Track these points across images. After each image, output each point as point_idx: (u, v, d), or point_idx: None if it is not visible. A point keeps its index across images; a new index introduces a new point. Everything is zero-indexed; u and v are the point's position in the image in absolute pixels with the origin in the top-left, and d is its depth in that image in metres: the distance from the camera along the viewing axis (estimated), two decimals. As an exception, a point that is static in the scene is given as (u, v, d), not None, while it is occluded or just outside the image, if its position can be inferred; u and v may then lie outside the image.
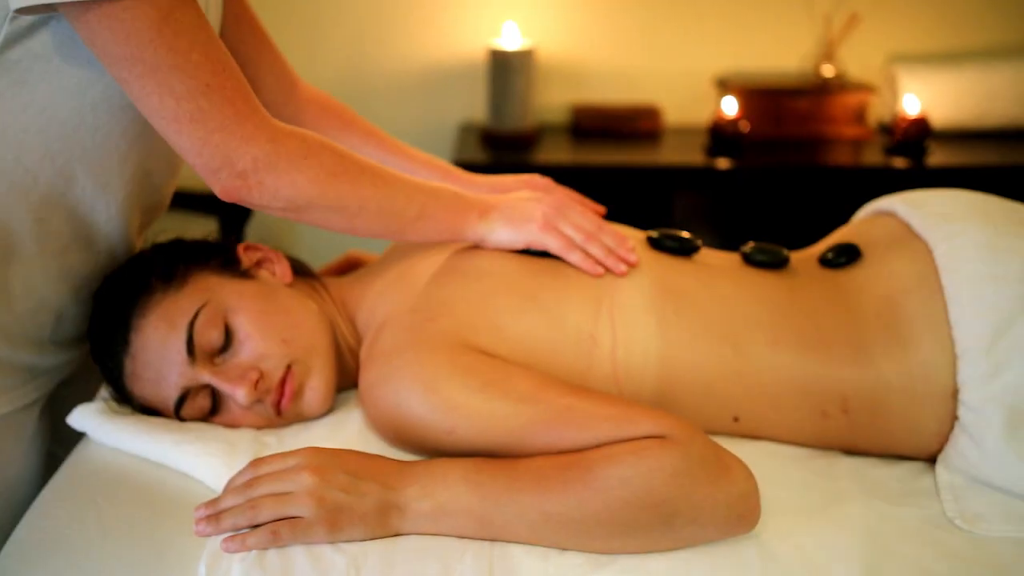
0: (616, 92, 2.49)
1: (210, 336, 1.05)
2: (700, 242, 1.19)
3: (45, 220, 1.05)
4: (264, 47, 1.28)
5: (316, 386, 1.09)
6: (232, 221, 2.36)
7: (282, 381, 1.07)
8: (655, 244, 1.18)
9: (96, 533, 0.94)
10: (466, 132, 2.42)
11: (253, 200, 0.98)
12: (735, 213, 2.50)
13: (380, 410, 1.02)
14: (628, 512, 0.90)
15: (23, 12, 0.92)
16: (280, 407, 1.07)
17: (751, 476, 0.94)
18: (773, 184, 2.29)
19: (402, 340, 1.03)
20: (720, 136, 2.28)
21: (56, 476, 1.04)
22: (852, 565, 0.92)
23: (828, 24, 2.43)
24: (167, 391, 1.05)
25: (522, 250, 1.12)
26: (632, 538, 0.91)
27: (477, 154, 2.26)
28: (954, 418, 1.04)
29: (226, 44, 1.18)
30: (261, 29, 1.28)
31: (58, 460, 1.12)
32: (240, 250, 1.15)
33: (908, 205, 1.18)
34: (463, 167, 1.36)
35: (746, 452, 1.07)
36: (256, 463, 0.96)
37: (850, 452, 1.11)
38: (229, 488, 0.95)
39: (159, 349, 1.04)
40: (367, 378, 1.04)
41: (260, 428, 1.09)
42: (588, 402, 0.97)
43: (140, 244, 1.20)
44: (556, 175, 1.35)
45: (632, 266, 1.12)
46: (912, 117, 2.28)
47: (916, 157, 2.27)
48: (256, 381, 1.05)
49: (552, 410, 0.96)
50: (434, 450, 1.00)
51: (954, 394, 1.04)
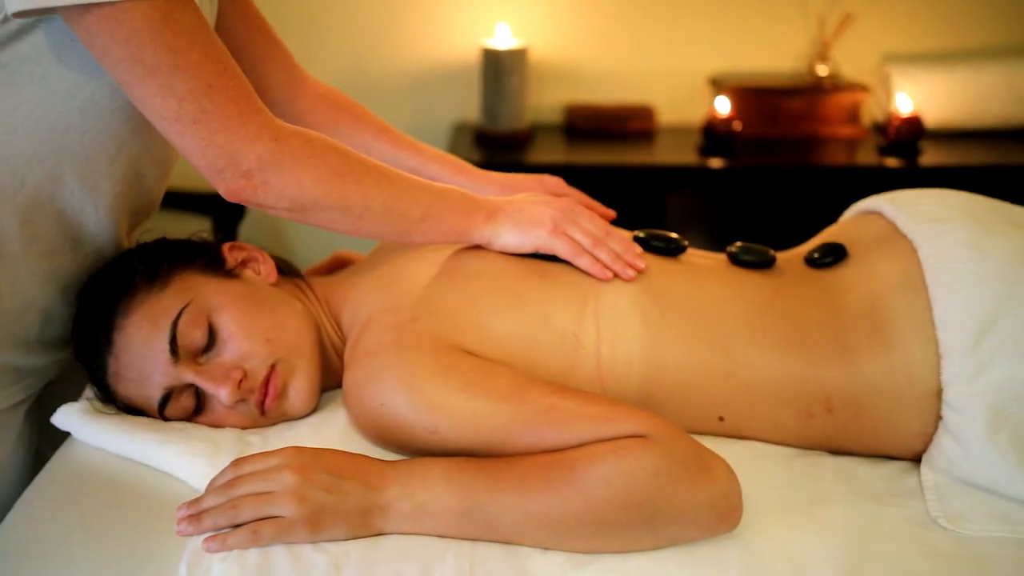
0: (610, 92, 2.49)
1: (193, 335, 1.05)
2: (686, 242, 1.19)
3: (32, 222, 1.05)
4: (271, 44, 1.27)
5: (300, 386, 1.09)
6: (225, 221, 2.36)
7: (266, 380, 1.07)
8: (642, 244, 1.17)
9: (78, 533, 0.94)
10: (460, 132, 2.42)
11: (258, 200, 0.98)
12: (729, 213, 2.50)
13: (363, 410, 1.02)
14: (609, 511, 0.90)
15: (20, 16, 0.92)
16: (264, 407, 1.07)
17: (733, 476, 0.94)
18: (767, 184, 2.29)
19: (385, 340, 1.03)
20: (713, 136, 2.28)
21: (39, 476, 1.04)
22: (834, 564, 0.92)
23: (822, 24, 2.43)
24: (150, 391, 1.05)
25: (530, 254, 1.12)
26: (614, 537, 0.91)
27: (471, 154, 2.26)
28: (938, 418, 1.04)
29: (234, 43, 1.19)
30: (267, 27, 1.27)
31: (46, 459, 1.11)
32: (225, 249, 1.15)
33: (894, 205, 1.18)
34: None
35: (731, 452, 1.07)
36: (238, 463, 0.96)
37: (835, 452, 1.11)
38: (211, 488, 0.95)
39: (142, 348, 1.04)
40: (350, 378, 1.04)
41: (244, 428, 1.08)
42: (570, 401, 0.97)
43: (129, 245, 1.19)
44: (549, 174, 1.34)
45: (640, 272, 1.11)
46: (905, 117, 2.28)
47: (909, 157, 2.27)
48: (240, 380, 1.04)
49: (534, 409, 0.96)
50: (417, 450, 1.00)
51: (938, 394, 1.04)
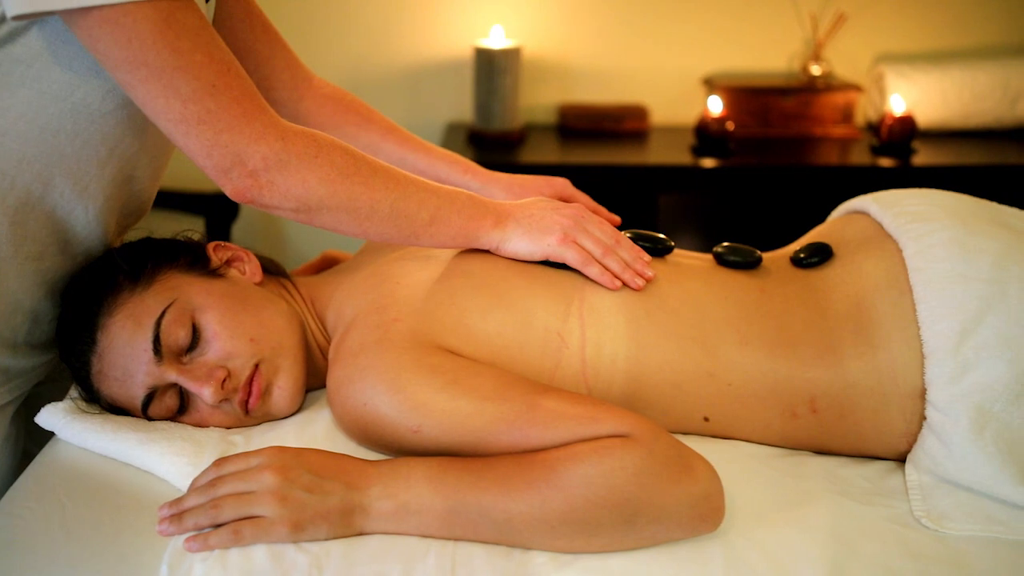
0: (604, 92, 2.49)
1: (177, 335, 1.05)
2: (672, 243, 1.19)
3: (22, 224, 1.05)
4: (276, 44, 1.27)
5: (284, 385, 1.09)
6: (219, 221, 2.36)
7: (249, 380, 1.07)
8: (627, 244, 1.17)
9: (59, 533, 0.94)
10: (453, 132, 2.42)
11: (264, 200, 0.97)
12: (722, 213, 2.50)
13: (347, 409, 1.02)
14: (591, 511, 0.90)
15: (20, 19, 0.91)
16: (248, 406, 1.07)
17: (715, 475, 0.94)
18: (760, 184, 2.29)
19: (368, 340, 1.02)
20: (706, 135, 2.28)
21: (23, 476, 1.04)
22: (817, 564, 0.92)
23: (815, 24, 2.43)
24: (134, 390, 1.05)
25: (540, 261, 1.11)
26: (595, 537, 0.91)
27: (464, 154, 2.23)
28: (922, 418, 1.04)
29: (239, 43, 1.19)
30: (272, 27, 1.27)
31: (33, 459, 1.12)
32: (210, 249, 1.15)
33: (880, 204, 1.18)
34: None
35: (716, 451, 1.07)
36: (220, 462, 0.96)
37: (820, 452, 1.11)
38: (193, 488, 0.95)
39: (125, 348, 1.04)
40: (334, 377, 1.04)
41: (228, 428, 1.08)
42: (553, 401, 0.97)
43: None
44: (543, 174, 1.35)
45: (648, 281, 1.11)
46: (897, 116, 2.28)
47: (902, 157, 2.27)
48: (223, 380, 1.04)
49: (516, 409, 0.96)
50: (400, 449, 1.00)
51: (922, 394, 1.03)
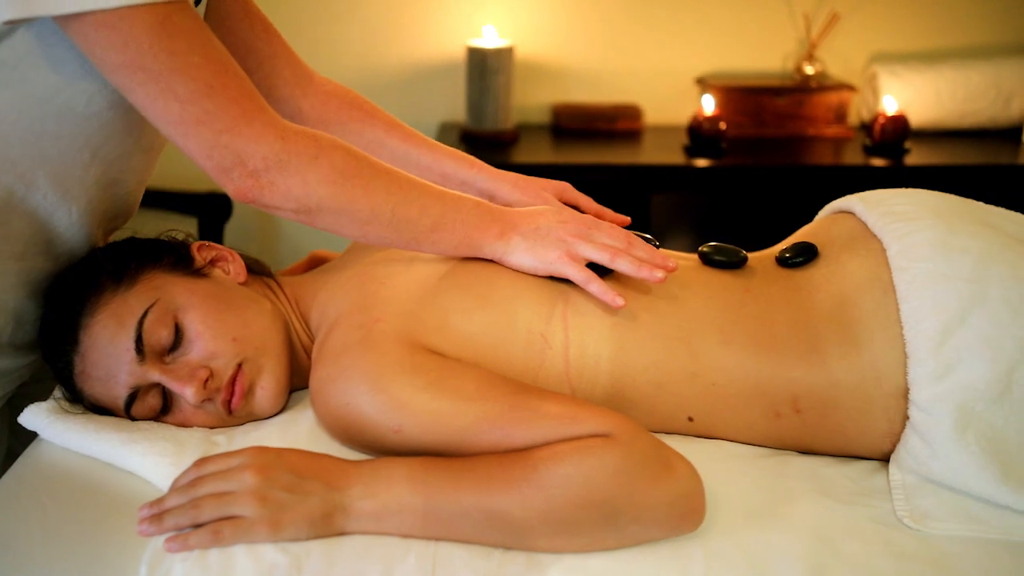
0: (597, 92, 2.49)
1: (159, 335, 1.04)
2: (657, 242, 1.19)
3: (3, 224, 1.05)
4: (276, 42, 1.26)
5: (267, 385, 1.09)
6: (212, 221, 2.36)
7: (232, 380, 1.06)
8: (612, 243, 1.17)
9: (39, 533, 0.94)
10: (446, 132, 2.42)
11: (265, 200, 0.97)
12: (715, 212, 2.50)
13: (329, 409, 1.02)
14: (571, 510, 0.90)
15: (12, 23, 0.91)
16: (230, 406, 1.07)
17: (695, 475, 0.94)
18: (753, 183, 2.29)
19: (350, 339, 1.02)
20: (698, 135, 2.28)
21: (5, 476, 1.04)
22: (798, 563, 0.92)
23: (809, 24, 2.42)
24: (117, 390, 1.05)
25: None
26: (576, 537, 0.91)
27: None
28: (905, 418, 1.04)
29: (240, 42, 1.18)
30: (271, 25, 1.27)
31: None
32: (194, 249, 1.15)
33: (865, 204, 1.18)
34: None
35: (700, 451, 1.07)
36: (201, 463, 0.96)
37: (804, 452, 1.11)
38: (174, 488, 0.95)
39: (108, 348, 1.04)
40: (316, 377, 1.04)
41: (212, 427, 1.08)
42: (534, 401, 0.96)
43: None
44: (536, 174, 1.34)
45: (670, 271, 1.08)
46: (890, 116, 2.28)
47: (895, 156, 2.27)
48: (205, 380, 1.04)
49: (498, 409, 0.96)
50: (383, 449, 1.00)
51: (905, 394, 1.03)
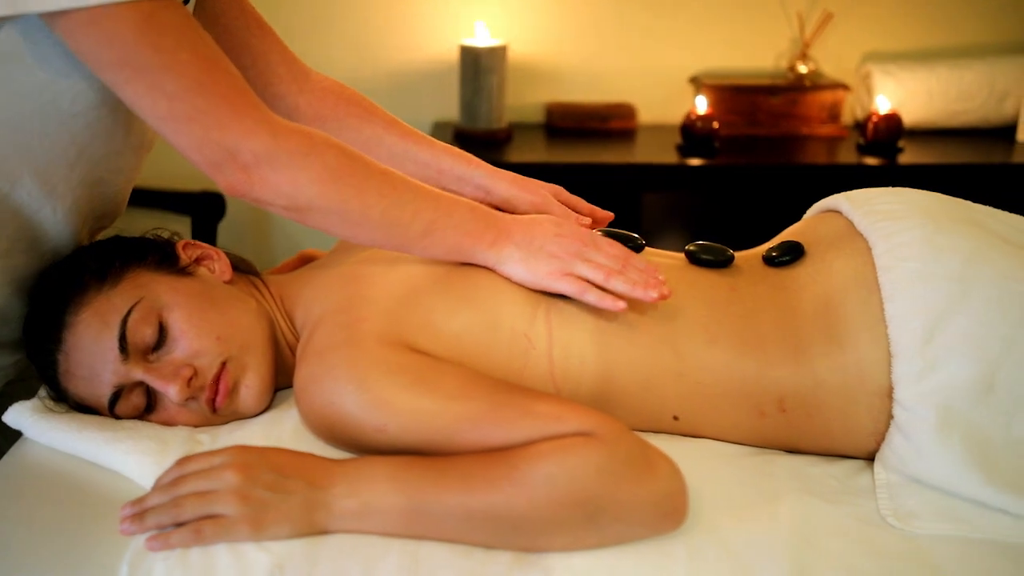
0: (590, 91, 2.49)
1: (143, 333, 1.04)
2: (643, 241, 1.19)
3: None
4: (271, 39, 1.26)
5: (251, 384, 1.09)
6: (205, 221, 2.36)
7: (216, 378, 1.06)
8: (597, 242, 1.17)
9: (21, 532, 0.94)
10: (439, 132, 2.42)
11: (256, 195, 0.97)
12: (708, 212, 2.50)
13: (313, 408, 1.01)
14: (553, 509, 0.90)
15: None
16: (215, 404, 1.07)
17: (678, 474, 0.94)
18: (746, 182, 2.29)
19: (335, 339, 1.02)
20: (691, 134, 2.28)
21: (-12, 475, 1.04)
22: (780, 562, 0.92)
23: (802, 23, 2.42)
24: (100, 389, 1.05)
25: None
26: (558, 536, 0.91)
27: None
28: (890, 417, 1.04)
29: (235, 39, 1.18)
30: (265, 22, 1.26)
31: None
32: (179, 247, 1.15)
33: (851, 203, 1.18)
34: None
35: (686, 450, 1.07)
36: (183, 461, 0.96)
37: (790, 451, 1.11)
38: (156, 487, 0.95)
39: (92, 346, 1.04)
40: (301, 376, 1.03)
41: (196, 426, 1.08)
42: (518, 399, 0.96)
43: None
44: (529, 173, 1.34)
45: (665, 297, 1.04)
46: (883, 115, 2.28)
47: (888, 155, 2.27)
48: (189, 378, 1.04)
49: (482, 408, 0.96)
50: (366, 448, 0.99)
51: (889, 393, 1.03)
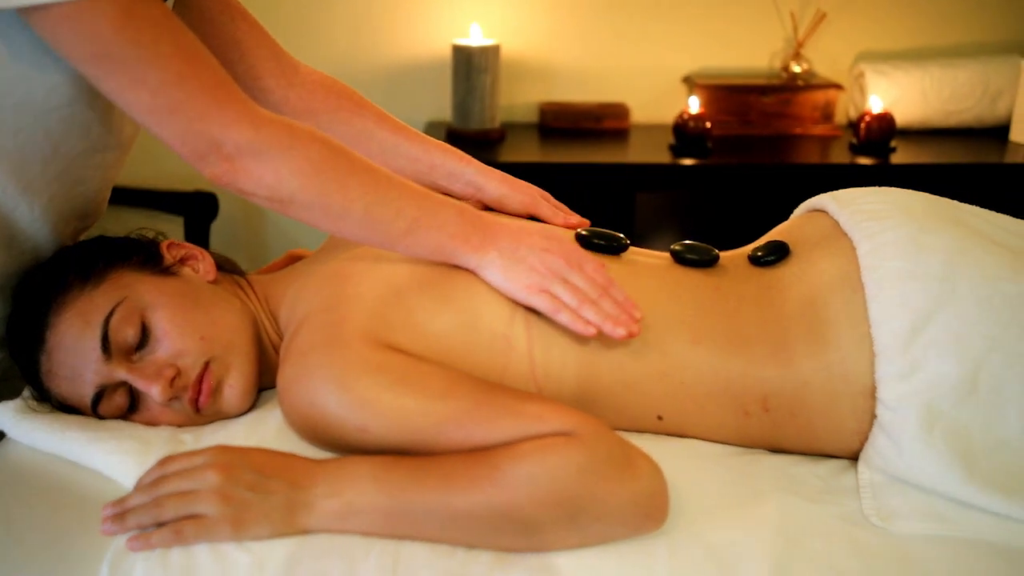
0: (584, 91, 2.49)
1: (126, 333, 1.04)
2: (628, 241, 1.19)
3: None
4: (258, 33, 1.26)
5: (235, 384, 1.09)
6: (198, 221, 2.36)
7: (199, 378, 1.06)
8: (583, 242, 1.17)
9: (1, 532, 0.94)
10: (432, 131, 2.41)
11: (240, 185, 0.97)
12: (700, 211, 2.50)
13: (295, 408, 1.01)
14: (534, 509, 0.90)
15: None
16: (198, 404, 1.07)
17: (658, 473, 0.94)
18: (738, 182, 2.29)
19: (317, 338, 1.02)
20: (683, 134, 2.28)
21: (-29, 475, 1.04)
22: (761, 561, 0.92)
23: (795, 22, 2.42)
24: (83, 388, 1.05)
25: None
26: (539, 535, 0.91)
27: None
28: (873, 416, 1.04)
29: (221, 34, 1.18)
30: (251, 16, 1.26)
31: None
32: (163, 247, 1.15)
33: (837, 203, 1.18)
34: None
35: (670, 450, 1.07)
36: (164, 461, 0.96)
37: (775, 450, 1.11)
38: (137, 487, 0.95)
39: (74, 346, 1.04)
40: (283, 376, 1.03)
41: (180, 426, 1.08)
42: (499, 399, 0.96)
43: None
44: (522, 173, 1.35)
45: (633, 335, 1.03)
46: (875, 115, 2.27)
47: (881, 155, 2.26)
48: (172, 378, 1.04)
49: (462, 407, 0.96)
50: (348, 447, 0.99)
51: (873, 392, 1.03)
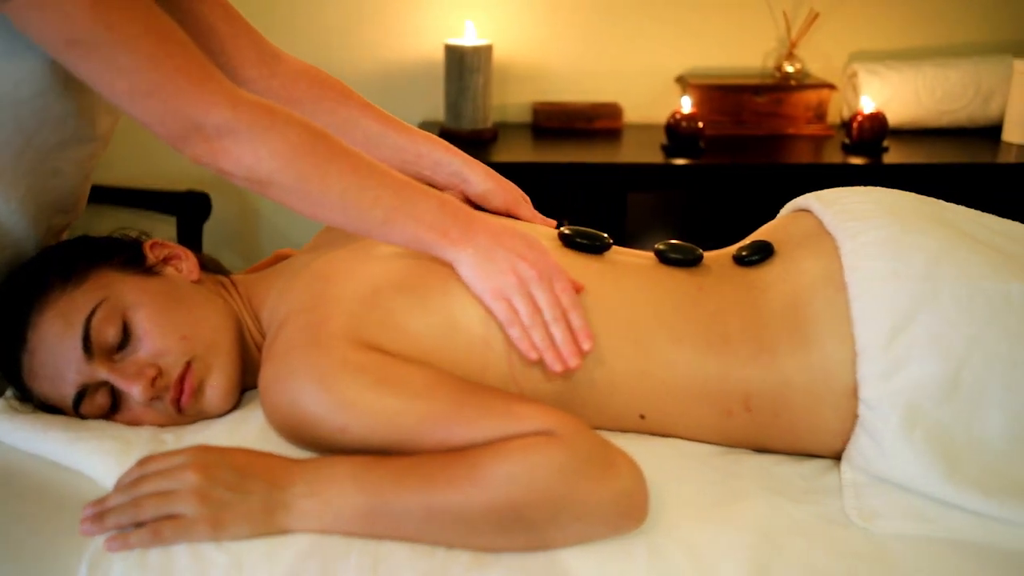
0: (577, 91, 2.49)
1: (107, 333, 1.04)
2: (611, 240, 1.19)
3: None
4: (238, 23, 1.25)
5: (216, 384, 1.09)
6: (190, 221, 2.36)
7: (181, 378, 1.06)
8: (566, 241, 1.17)
9: (-19, 531, 0.94)
10: (425, 131, 2.41)
11: (220, 165, 0.96)
12: (693, 211, 2.49)
13: (276, 407, 1.01)
14: (513, 509, 0.90)
15: None
16: (180, 404, 1.07)
17: (638, 472, 0.93)
18: (731, 182, 2.29)
19: (298, 339, 1.02)
20: (676, 134, 2.28)
21: (-48, 476, 1.04)
22: (741, 561, 0.92)
23: (788, 22, 2.42)
24: (64, 388, 1.05)
25: None
26: (519, 535, 0.91)
27: (435, 153, 2.25)
28: (855, 416, 1.03)
29: (201, 24, 1.18)
30: (231, 6, 1.26)
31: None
32: (146, 247, 1.15)
33: (821, 202, 1.18)
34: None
35: (653, 449, 1.07)
36: (144, 461, 0.96)
37: (758, 450, 1.10)
38: (117, 487, 0.95)
39: (56, 346, 1.04)
40: (265, 376, 1.03)
41: (162, 426, 1.08)
42: (479, 399, 0.96)
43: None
44: (515, 173, 1.35)
45: (572, 369, 1.02)
46: (868, 114, 2.27)
47: (874, 155, 2.26)
48: (153, 378, 1.04)
49: (443, 407, 0.96)
50: (329, 447, 0.99)
51: (855, 392, 1.03)
